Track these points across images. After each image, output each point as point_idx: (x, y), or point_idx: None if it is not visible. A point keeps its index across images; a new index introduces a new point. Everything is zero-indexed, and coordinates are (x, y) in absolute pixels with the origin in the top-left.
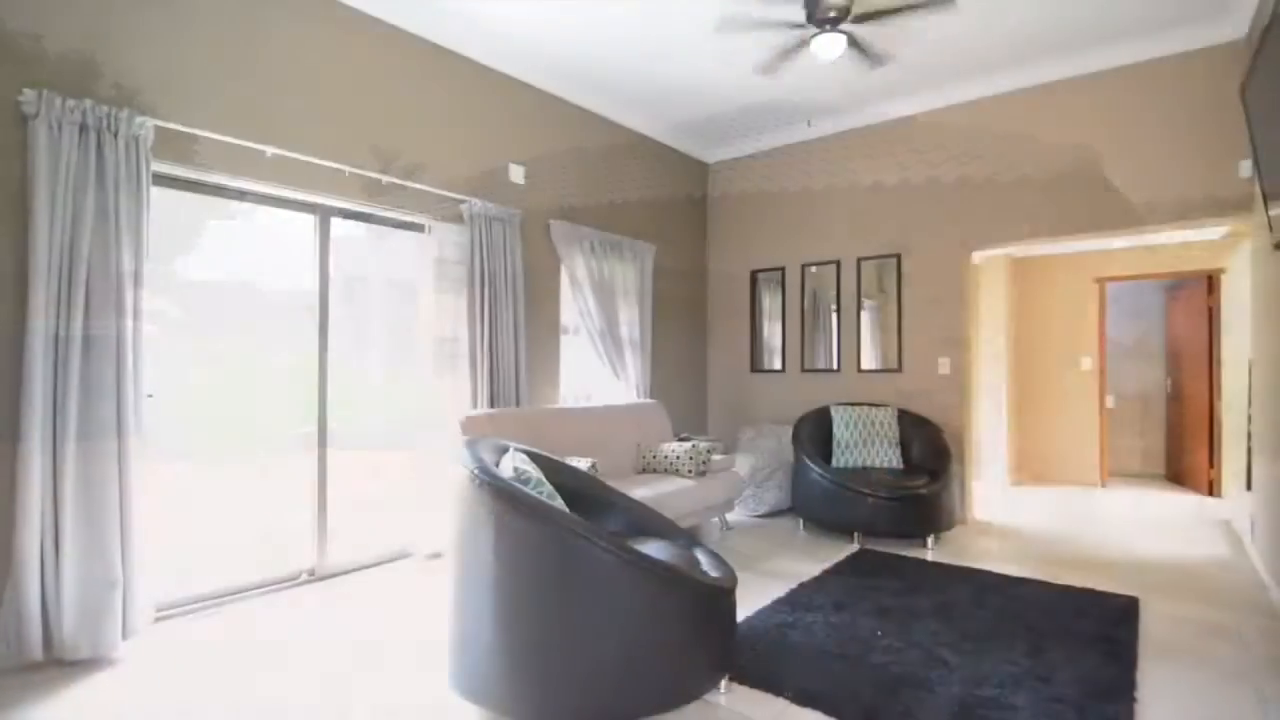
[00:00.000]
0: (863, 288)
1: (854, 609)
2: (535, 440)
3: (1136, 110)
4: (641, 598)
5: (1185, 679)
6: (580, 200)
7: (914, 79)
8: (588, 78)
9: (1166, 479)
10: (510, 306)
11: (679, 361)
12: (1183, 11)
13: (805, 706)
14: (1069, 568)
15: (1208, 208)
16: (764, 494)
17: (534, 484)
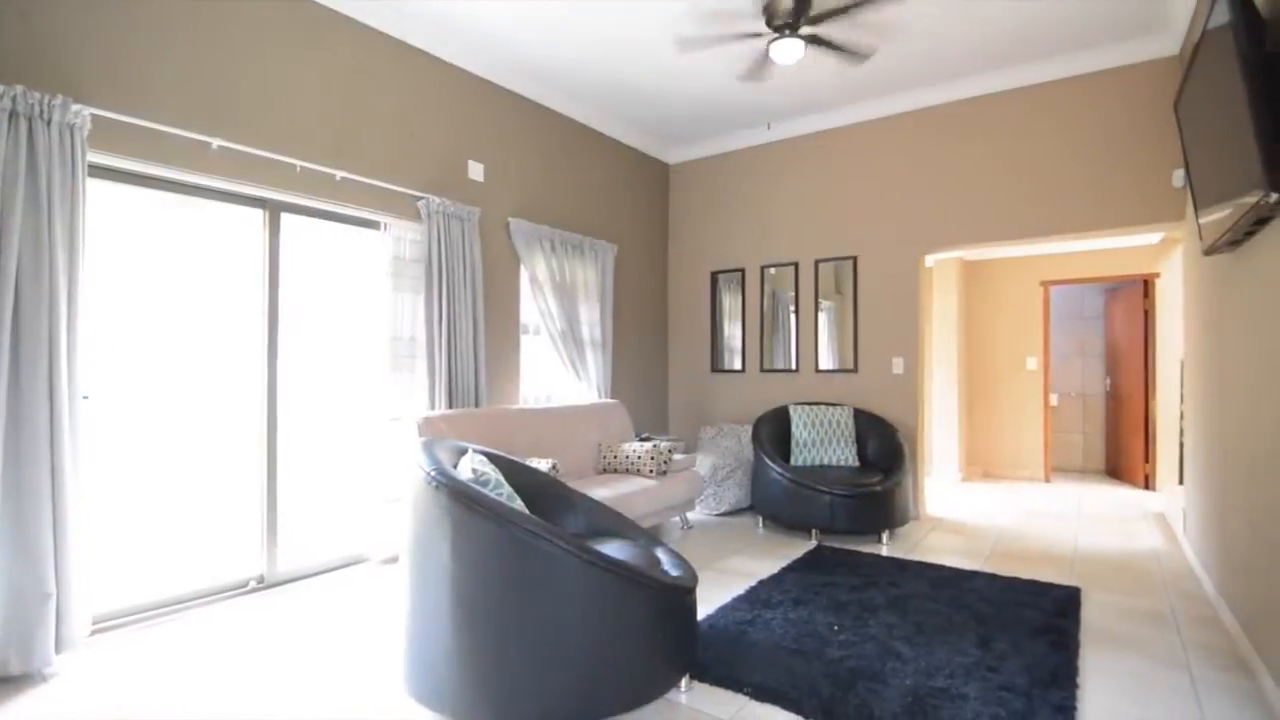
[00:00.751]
0: (820, 289)
1: (812, 605)
2: (495, 441)
3: (1079, 120)
4: (602, 598)
5: (1124, 664)
6: (541, 199)
7: (869, 86)
8: (550, 76)
9: (1106, 474)
10: (469, 306)
11: (640, 361)
12: (1122, 28)
13: (764, 702)
14: (1016, 560)
15: (1144, 214)
16: (724, 492)
17: (493, 485)
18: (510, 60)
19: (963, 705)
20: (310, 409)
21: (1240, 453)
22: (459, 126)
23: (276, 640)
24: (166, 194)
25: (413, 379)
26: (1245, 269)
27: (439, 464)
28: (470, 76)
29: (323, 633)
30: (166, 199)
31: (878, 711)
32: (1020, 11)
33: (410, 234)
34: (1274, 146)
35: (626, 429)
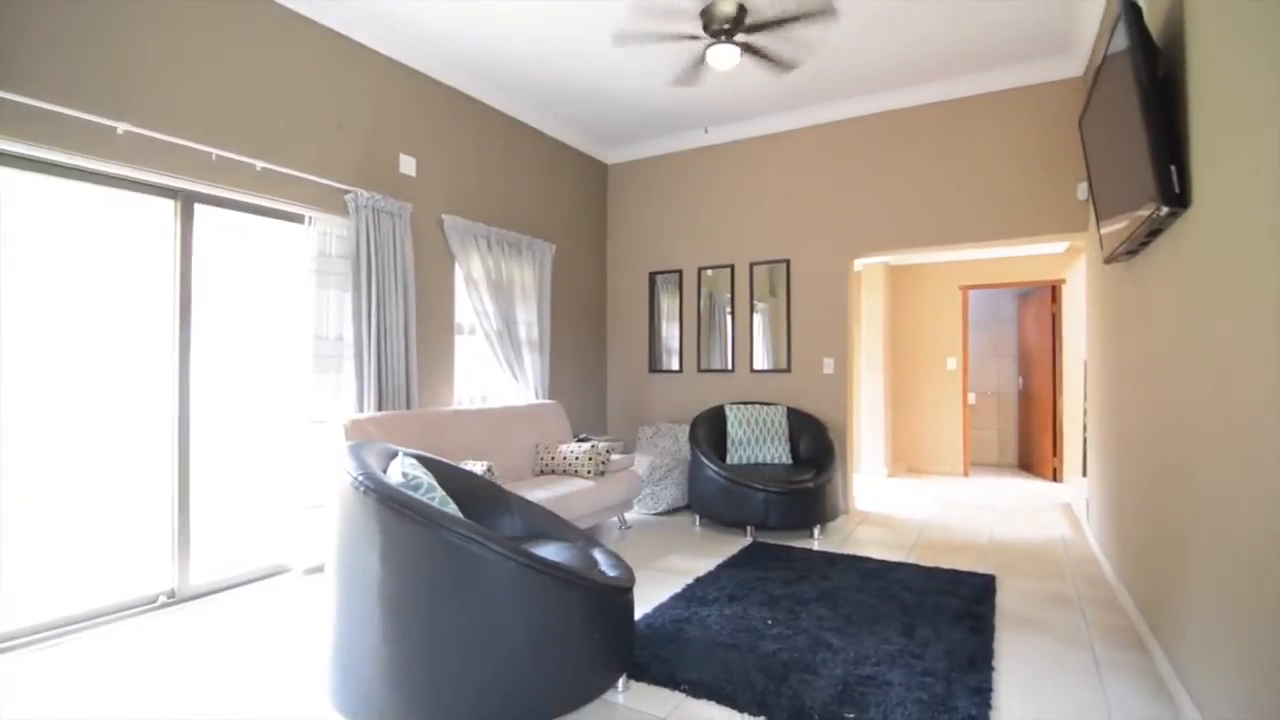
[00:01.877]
0: (755, 291)
1: (746, 600)
2: (428, 444)
3: (995, 134)
4: (538, 601)
5: (1035, 646)
6: (476, 196)
7: (801, 95)
8: (487, 71)
9: (1019, 468)
10: (400, 304)
11: (579, 362)
12: (1033, 49)
13: (700, 698)
14: (938, 551)
15: (1052, 225)
16: (662, 492)
17: (424, 490)
18: (445, 53)
19: (888, 691)
20: (227, 412)
21: (1135, 447)
22: (389, 119)
23: (189, 658)
24: (67, 181)
25: (339, 380)
26: (1139, 277)
27: (367, 468)
28: (402, 67)
29: (240, 648)
30: (68, 187)
31: (809, 701)
32: (940, 31)
33: (337, 229)
34: (1165, 164)
35: (564, 430)
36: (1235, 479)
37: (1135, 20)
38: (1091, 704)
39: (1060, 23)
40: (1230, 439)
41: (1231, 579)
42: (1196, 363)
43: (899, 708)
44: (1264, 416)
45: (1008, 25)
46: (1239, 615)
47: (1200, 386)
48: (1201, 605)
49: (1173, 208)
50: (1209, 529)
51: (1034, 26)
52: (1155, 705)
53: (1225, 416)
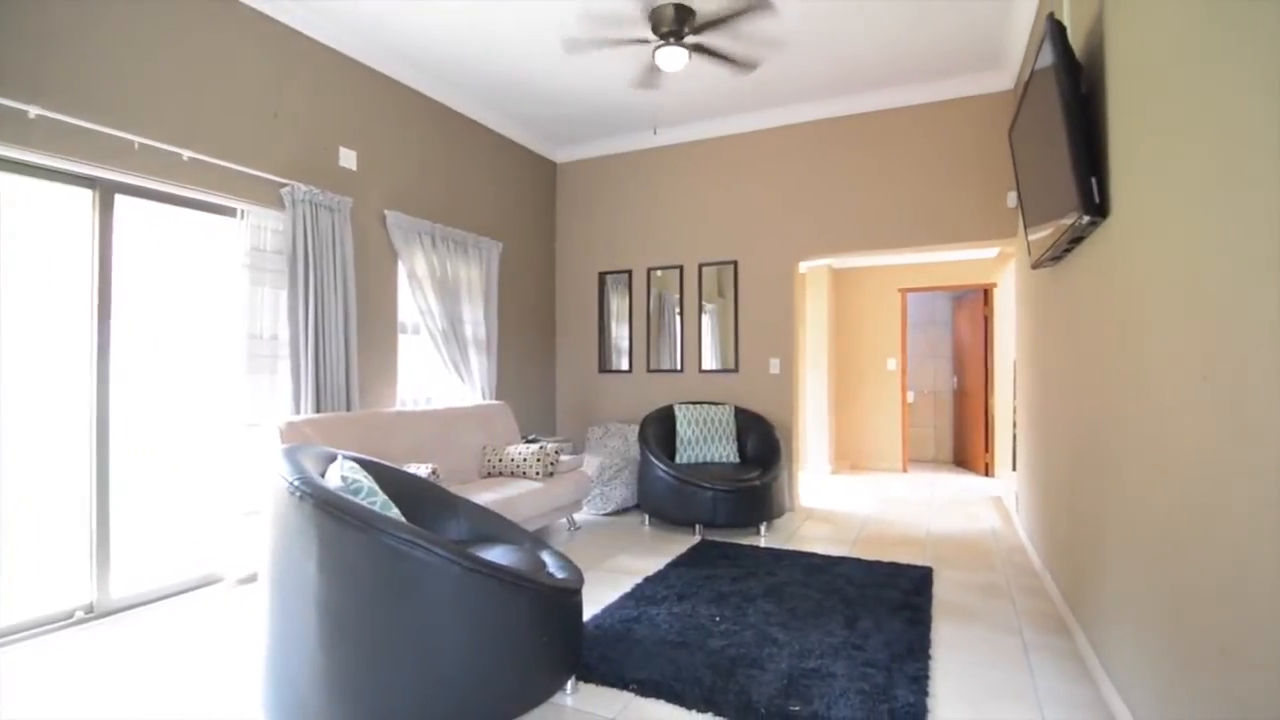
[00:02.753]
0: (704, 292)
1: (695, 598)
2: (369, 447)
3: (932, 143)
4: (485, 605)
5: (969, 634)
6: (421, 192)
7: (748, 99)
8: (432, 65)
9: (954, 463)
10: (340, 302)
11: (527, 362)
12: (968, 63)
13: (649, 697)
14: (878, 545)
15: (984, 231)
16: (611, 492)
17: (365, 493)
18: (388, 45)
19: (832, 683)
20: (153, 415)
21: (1059, 443)
22: (329, 110)
23: (108, 675)
24: None
25: (274, 381)
26: (1063, 282)
27: (303, 472)
28: (342, 58)
29: (166, 662)
30: None
31: (755, 696)
32: (882, 44)
33: (272, 223)
34: (1086, 175)
35: (512, 431)
36: (1146, 472)
37: (1059, 38)
38: (1021, 687)
39: (993, 39)
40: (1142, 434)
41: (1142, 566)
42: (1114, 362)
43: (842, 698)
44: (1173, 413)
45: (945, 40)
46: (1147, 600)
47: (1116, 385)
48: (1116, 591)
49: (1093, 217)
50: (1122, 519)
51: (969, 42)
52: (1079, 686)
53: (1138, 413)
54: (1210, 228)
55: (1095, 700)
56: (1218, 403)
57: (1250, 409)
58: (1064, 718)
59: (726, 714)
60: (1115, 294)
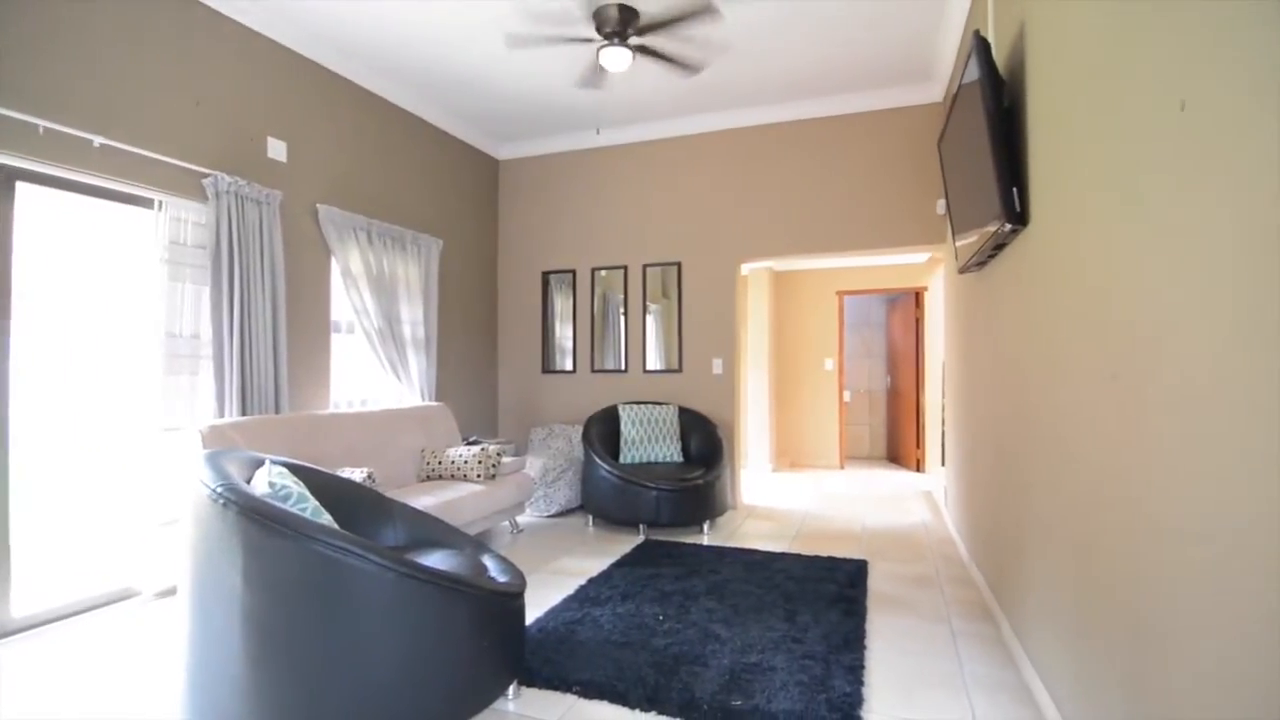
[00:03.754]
0: (648, 292)
1: (639, 598)
2: (299, 451)
3: (867, 150)
4: (422, 612)
5: (901, 624)
6: (356, 186)
7: (691, 103)
8: (368, 56)
9: (888, 460)
10: (268, 300)
11: (468, 362)
12: (901, 75)
13: (592, 698)
14: (817, 540)
15: (915, 236)
16: (555, 494)
17: (295, 500)
18: (321, 33)
19: (772, 676)
20: (60, 419)
21: (984, 439)
22: (258, 99)
23: (6, 702)
24: None
25: (195, 382)
26: (987, 286)
27: (227, 478)
28: (271, 44)
29: (75, 685)
30: None
31: (698, 693)
32: (820, 55)
33: (193, 215)
34: (1008, 186)
35: (452, 433)
36: (1059, 467)
37: (984, 54)
38: (949, 673)
39: (925, 52)
40: (1056, 430)
41: (1056, 556)
42: (1032, 362)
43: (782, 691)
44: (1085, 410)
45: (881, 52)
46: (1061, 587)
47: (1034, 384)
48: (1035, 579)
49: (1014, 225)
50: (1038, 512)
51: (903, 55)
52: (1003, 670)
53: (1053, 411)
54: (1115, 236)
55: (1018, 683)
56: (1124, 400)
57: (1153, 405)
58: (989, 701)
59: (670, 712)
60: (1034, 298)
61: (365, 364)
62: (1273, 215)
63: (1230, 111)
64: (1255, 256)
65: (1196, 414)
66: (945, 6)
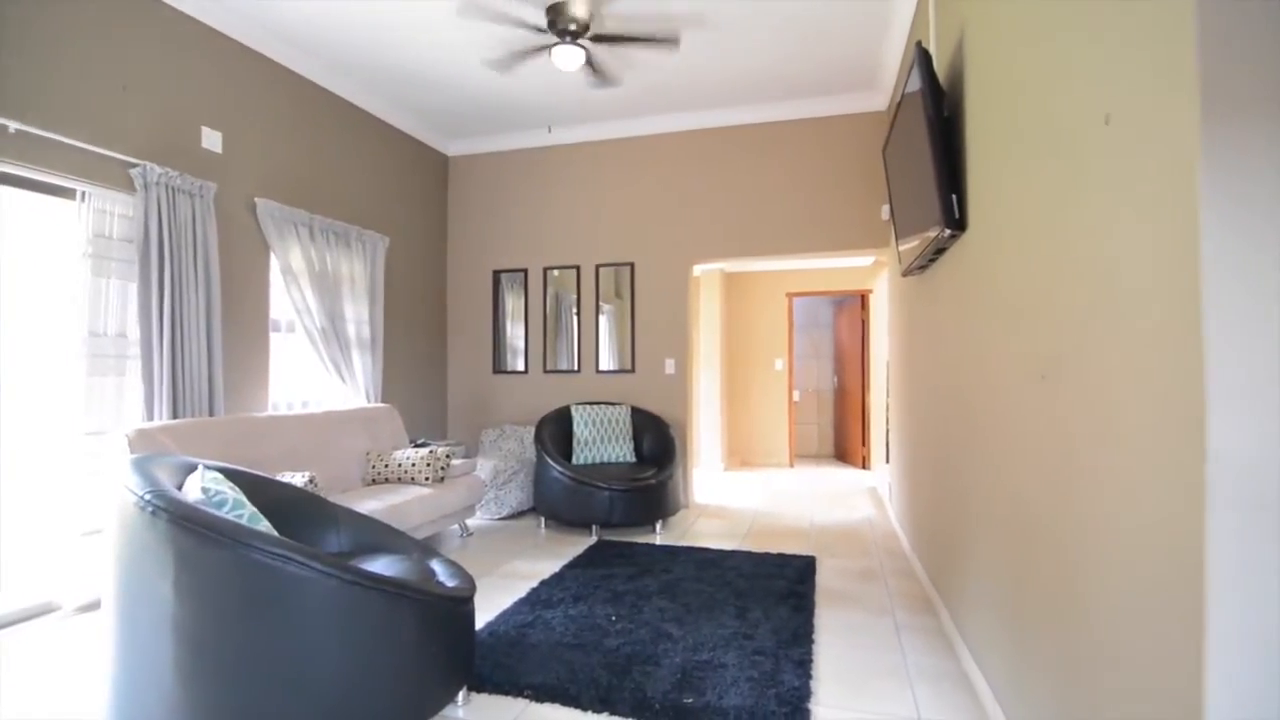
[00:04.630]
0: (601, 292)
1: (591, 599)
2: (236, 455)
3: (815, 156)
4: (366, 620)
5: (848, 618)
6: (297, 180)
7: (644, 104)
8: (312, 45)
9: (835, 457)
10: (201, 297)
11: (416, 362)
12: (848, 82)
13: (544, 702)
14: (767, 537)
15: (861, 240)
16: (506, 496)
17: (230, 506)
18: (259, 19)
19: (723, 673)
20: None
21: (925, 437)
22: (191, 86)
23: None
24: None
25: (122, 384)
26: (929, 289)
27: (156, 485)
28: (206, 29)
29: None
30: None
31: (650, 692)
32: (770, 62)
33: (120, 207)
34: (948, 193)
35: (399, 435)
36: (994, 464)
37: (925, 65)
38: (894, 664)
39: (870, 62)
40: (992, 429)
41: (991, 548)
42: (970, 363)
43: (733, 687)
44: (1017, 409)
45: (828, 61)
46: (996, 578)
47: (971, 384)
48: (972, 571)
49: (953, 230)
50: (975, 507)
51: (849, 64)
52: (944, 660)
53: (989, 410)
54: (1045, 242)
55: (957, 672)
56: (1052, 400)
57: (1077, 405)
58: (930, 689)
59: (622, 713)
60: (971, 301)
61: (307, 364)
62: (1187, 225)
63: (1150, 126)
64: (1171, 265)
65: (1115, 414)
66: (890, 18)
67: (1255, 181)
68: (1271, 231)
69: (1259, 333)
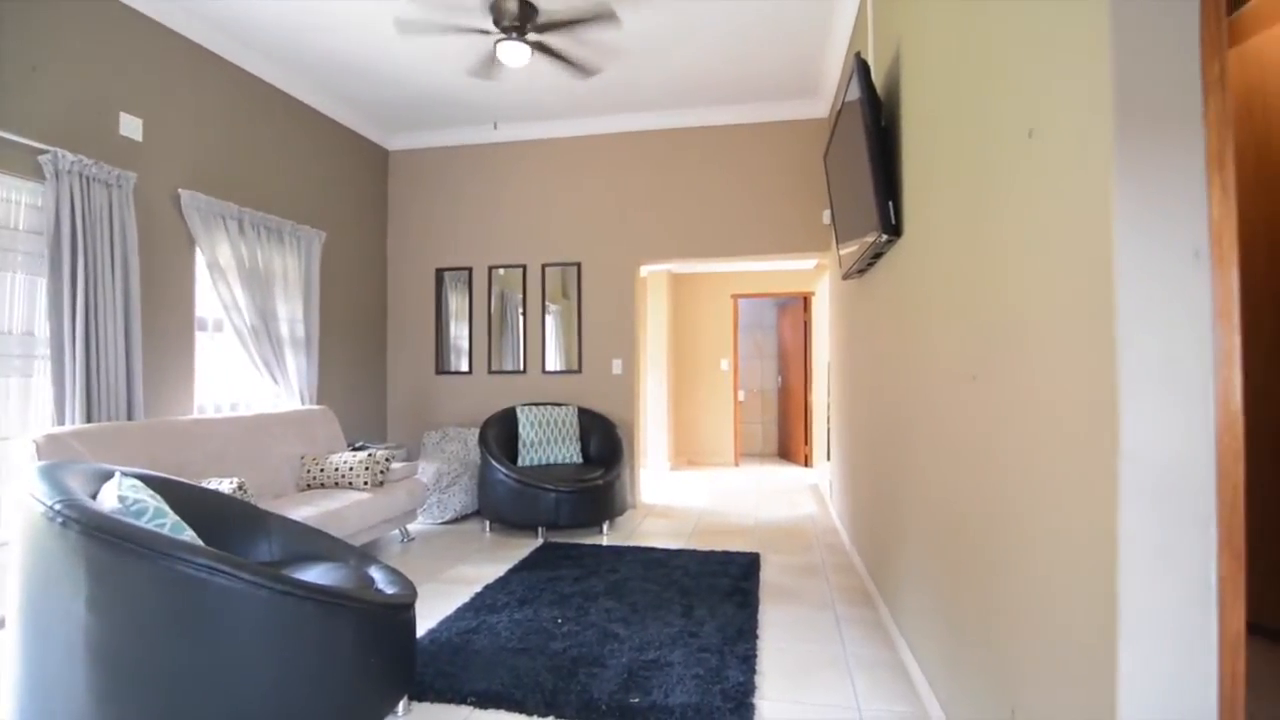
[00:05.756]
0: (548, 292)
1: (537, 602)
2: (158, 461)
3: (760, 160)
4: (300, 631)
5: (790, 613)
6: (225, 171)
7: (592, 104)
8: (241, 30)
9: (779, 456)
10: (119, 293)
11: (354, 363)
12: (792, 89)
13: (489, 708)
14: (712, 535)
15: (803, 244)
16: (450, 499)
17: (150, 515)
18: (184, 2)
19: (669, 671)
20: None
21: (864, 436)
22: (108, 69)
23: None
24: None
25: (29, 386)
26: (867, 293)
27: (67, 494)
28: (125, 9)
29: None
30: None
31: (596, 694)
32: (715, 67)
33: (25, 195)
34: (885, 200)
35: (336, 438)
36: (930, 461)
37: (864, 76)
38: (835, 656)
39: (812, 70)
40: (926, 428)
41: (925, 542)
42: (905, 364)
43: (679, 685)
44: (949, 409)
45: (771, 68)
46: (929, 571)
47: (907, 385)
48: (907, 565)
49: (890, 236)
50: (910, 502)
51: (792, 71)
52: (882, 650)
53: (925, 409)
54: (974, 249)
55: (895, 662)
56: (982, 400)
57: (1004, 405)
58: (869, 679)
59: (568, 715)
60: (907, 304)
61: (237, 365)
62: (1103, 234)
63: (1070, 140)
64: (1088, 272)
65: (1040, 413)
66: (831, 27)
67: (1165, 194)
68: (1181, 241)
69: (1168, 338)
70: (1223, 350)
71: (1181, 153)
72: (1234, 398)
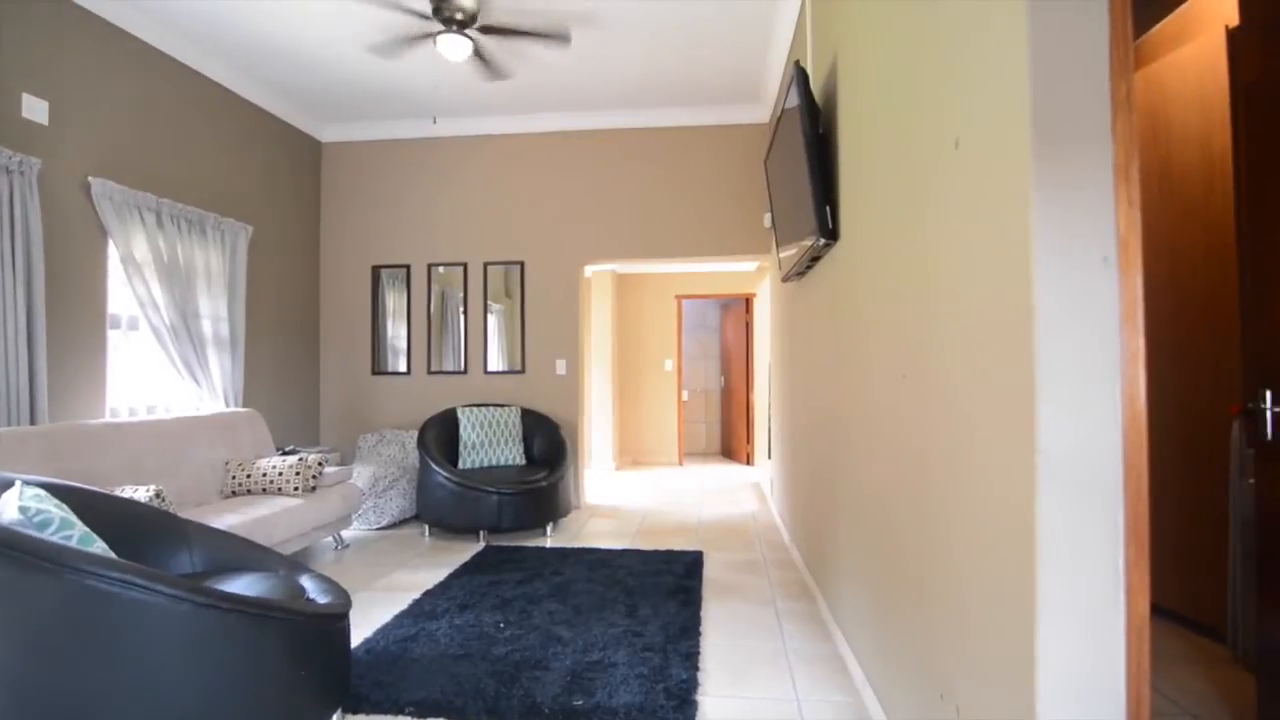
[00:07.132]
0: (490, 291)
1: (478, 607)
2: (65, 469)
3: (703, 163)
4: (225, 646)
5: (732, 609)
6: (141, 159)
7: (536, 101)
8: (155, 8)
9: (722, 455)
10: (20, 288)
11: (284, 363)
12: (733, 94)
13: (427, 718)
14: (656, 535)
15: (745, 246)
16: (386, 504)
17: (56, 527)
18: None
19: (613, 672)
20: None
21: (802, 434)
22: (7, 46)
23: None
24: None
25: None
26: (806, 294)
27: None
28: None
29: None
30: None
31: (540, 697)
32: (658, 69)
33: None
34: (822, 204)
35: (264, 442)
36: (866, 456)
37: (803, 84)
38: (775, 651)
39: (754, 76)
40: (863, 425)
41: (860, 537)
42: (841, 364)
43: (623, 685)
44: (882, 408)
45: (714, 72)
46: (864, 564)
47: (843, 384)
48: (843, 559)
49: (827, 240)
50: (845, 499)
51: (735, 76)
52: (820, 643)
53: (860, 407)
54: (904, 253)
55: (832, 654)
56: (911, 397)
57: (930, 402)
58: (808, 672)
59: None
60: (843, 306)
61: (155, 365)
62: (1021, 240)
63: (992, 152)
64: (1008, 276)
65: (965, 411)
66: (772, 35)
67: (1077, 204)
68: (1091, 249)
69: (1080, 339)
70: (1129, 350)
71: (1092, 166)
72: (1139, 395)
